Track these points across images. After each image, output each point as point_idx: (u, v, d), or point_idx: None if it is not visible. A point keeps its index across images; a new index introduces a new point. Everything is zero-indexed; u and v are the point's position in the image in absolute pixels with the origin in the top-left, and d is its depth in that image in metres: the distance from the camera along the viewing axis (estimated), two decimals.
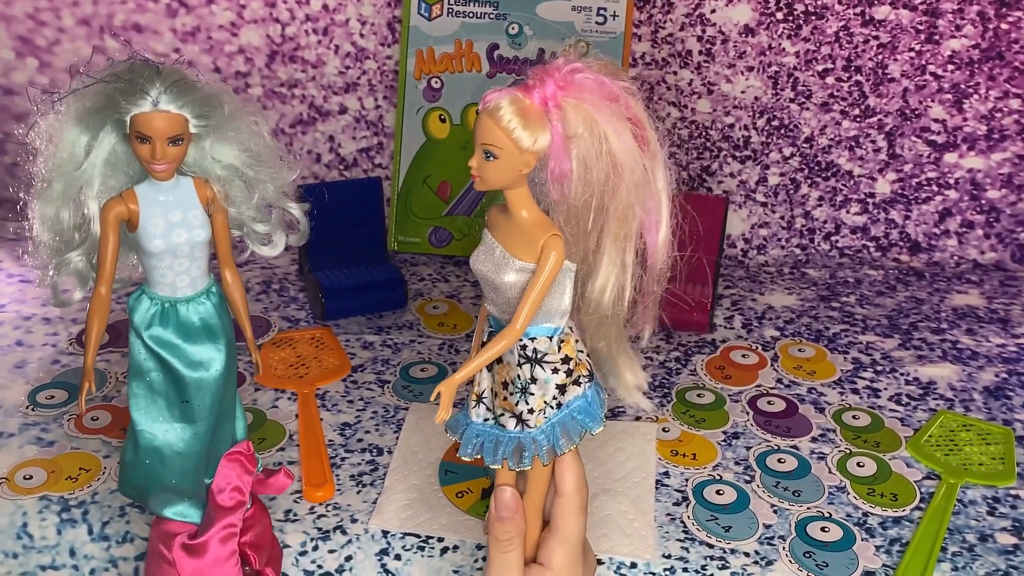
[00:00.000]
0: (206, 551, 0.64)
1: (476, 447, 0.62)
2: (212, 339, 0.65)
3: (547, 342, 0.60)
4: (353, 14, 1.14)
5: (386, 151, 1.18)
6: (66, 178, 0.62)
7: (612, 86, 0.56)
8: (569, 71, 0.56)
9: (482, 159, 0.56)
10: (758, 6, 1.09)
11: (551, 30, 1.10)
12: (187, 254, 0.64)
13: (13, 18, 1.16)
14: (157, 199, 0.63)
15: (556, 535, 0.62)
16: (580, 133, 0.56)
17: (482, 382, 0.62)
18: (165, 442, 0.65)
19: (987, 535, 0.74)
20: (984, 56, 1.08)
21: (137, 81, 0.60)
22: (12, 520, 0.75)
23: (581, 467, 0.63)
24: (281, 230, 0.70)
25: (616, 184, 0.57)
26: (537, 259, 0.58)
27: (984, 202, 1.13)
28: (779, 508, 0.76)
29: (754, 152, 1.14)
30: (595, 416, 0.61)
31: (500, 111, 0.55)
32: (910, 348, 0.97)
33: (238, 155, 0.65)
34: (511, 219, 0.59)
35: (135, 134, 0.60)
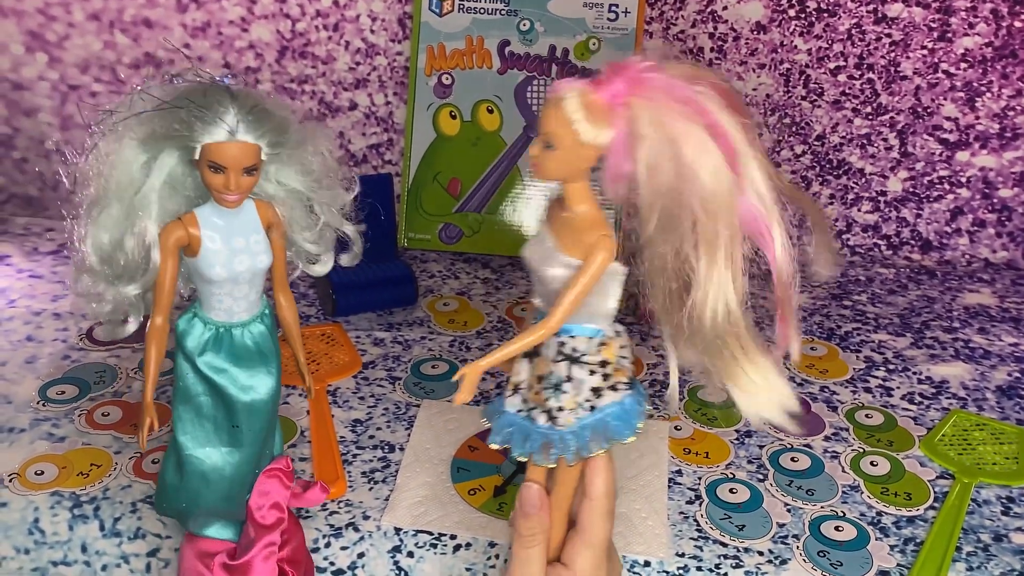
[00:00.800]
0: (250, 571, 0.63)
1: (506, 436, 0.61)
2: (264, 363, 0.63)
3: (587, 342, 0.59)
4: (364, 10, 1.14)
5: (396, 147, 1.18)
6: (124, 202, 0.60)
7: (685, 89, 0.54)
8: (641, 69, 0.54)
9: (542, 148, 0.55)
10: (770, 3, 1.09)
11: (562, 26, 1.09)
12: (247, 280, 0.62)
13: (24, 13, 1.16)
14: (218, 224, 0.60)
15: (582, 537, 0.62)
16: (646, 133, 0.54)
17: (520, 372, 0.61)
18: (212, 466, 0.63)
19: (1002, 535, 0.74)
20: (997, 54, 1.08)
21: (213, 107, 0.57)
22: (24, 516, 0.74)
23: (612, 472, 0.62)
24: (331, 250, 0.68)
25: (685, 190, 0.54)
26: (584, 257, 0.56)
27: (996, 201, 1.12)
28: (793, 507, 0.76)
29: (765, 149, 1.13)
30: (630, 425, 0.60)
31: (565, 102, 0.54)
32: (922, 347, 0.97)
33: (302, 179, 0.63)
34: (567, 213, 0.57)
35: (207, 163, 0.58)
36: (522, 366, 0.61)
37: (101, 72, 1.17)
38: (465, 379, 0.57)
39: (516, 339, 0.58)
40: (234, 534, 0.66)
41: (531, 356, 0.61)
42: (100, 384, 0.88)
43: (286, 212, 0.63)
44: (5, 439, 0.81)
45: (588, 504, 0.61)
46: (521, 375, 0.61)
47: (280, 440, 0.69)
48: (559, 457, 0.59)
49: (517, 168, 1.11)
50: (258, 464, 0.65)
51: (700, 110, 0.54)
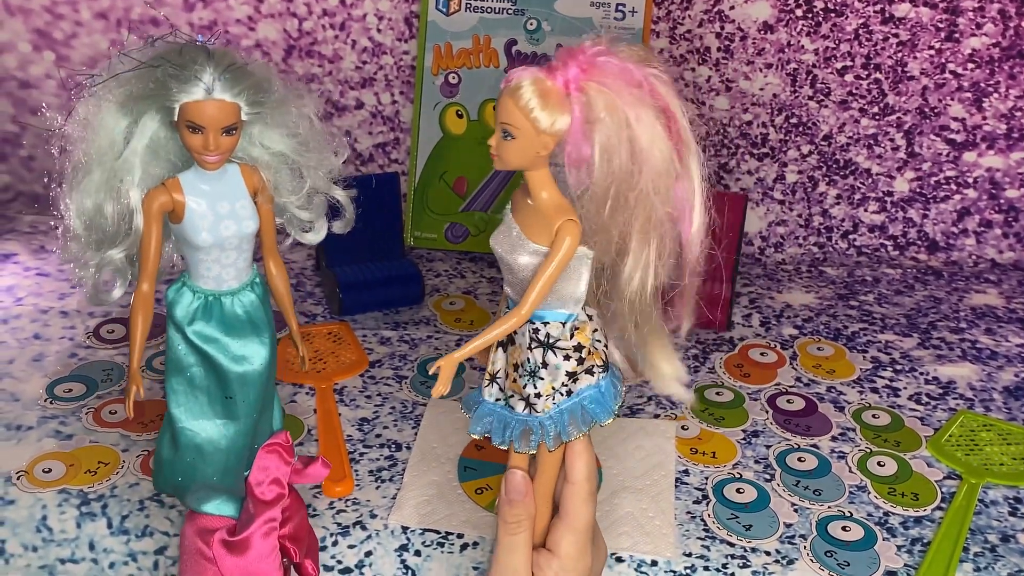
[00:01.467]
0: (249, 547, 0.63)
1: (486, 426, 0.62)
2: (256, 332, 0.63)
3: (560, 328, 0.59)
4: (370, 9, 1.14)
5: (403, 146, 1.18)
6: (105, 167, 0.59)
7: (637, 72, 0.55)
8: (593, 54, 0.55)
9: (500, 138, 0.56)
10: (777, 3, 1.09)
11: (569, 26, 1.09)
12: (235, 246, 0.61)
13: (31, 11, 1.16)
14: (203, 189, 0.59)
15: (564, 522, 0.62)
16: (602, 118, 0.54)
17: (496, 362, 0.61)
18: (207, 439, 0.63)
19: (1009, 535, 0.74)
20: (1005, 54, 1.08)
21: (189, 66, 0.56)
22: (32, 513, 0.75)
23: (592, 455, 0.62)
24: (324, 217, 0.67)
25: (637, 172, 0.56)
26: (551, 243, 0.57)
27: (1003, 201, 1.12)
28: (800, 507, 0.76)
29: (772, 149, 1.13)
30: (607, 408, 0.61)
31: (520, 90, 0.54)
32: (929, 347, 0.96)
33: (286, 141, 0.62)
34: (530, 201, 0.58)
35: (185, 123, 0.57)
36: (497, 355, 0.61)
37: None
38: (441, 371, 0.58)
39: (489, 328, 0.58)
40: (235, 510, 0.65)
41: (506, 345, 0.61)
42: (107, 382, 0.88)
43: (271, 176, 0.63)
44: (13, 437, 0.81)
45: (570, 488, 0.62)
46: (497, 364, 0.62)
47: (280, 415, 0.68)
48: (540, 443, 0.60)
49: None
50: (255, 437, 0.65)
51: (653, 92, 0.55)
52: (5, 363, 0.90)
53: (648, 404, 0.87)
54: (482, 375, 0.63)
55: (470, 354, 0.58)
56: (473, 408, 0.63)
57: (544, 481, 0.63)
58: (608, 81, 0.55)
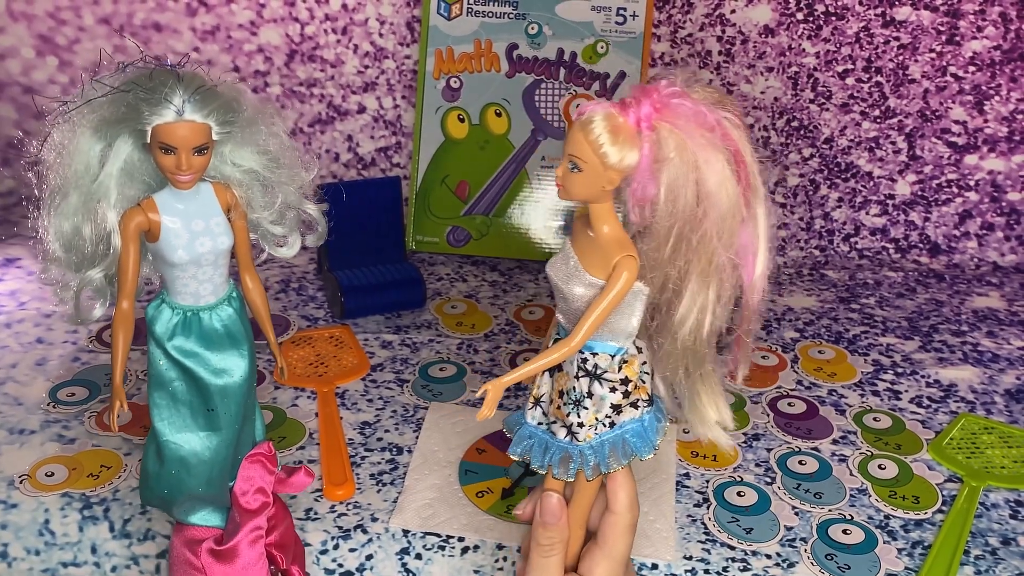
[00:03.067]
0: (236, 556, 0.64)
1: (526, 448, 0.62)
2: (236, 345, 0.64)
3: (608, 359, 0.60)
4: (372, 13, 1.14)
5: (404, 150, 1.18)
6: (82, 190, 0.60)
7: (710, 116, 0.55)
8: (668, 94, 0.55)
9: (567, 169, 0.56)
10: (778, 6, 1.09)
11: (570, 30, 1.09)
12: (211, 263, 0.62)
13: (34, 17, 1.16)
14: (177, 208, 0.61)
15: (602, 550, 0.62)
16: (671, 158, 0.55)
17: (542, 386, 0.62)
18: (191, 451, 0.64)
19: (1010, 538, 0.74)
20: (1006, 57, 1.08)
21: (159, 90, 0.58)
22: (34, 517, 0.75)
23: (634, 486, 0.63)
24: (297, 231, 0.68)
25: (702, 215, 0.56)
26: (608, 276, 0.57)
27: (1005, 204, 1.12)
28: (800, 510, 0.76)
29: (773, 153, 1.14)
30: (648, 442, 0.61)
31: (591, 124, 0.55)
32: (931, 350, 0.96)
33: (257, 158, 0.64)
34: (591, 233, 0.58)
35: (158, 144, 0.58)
36: (544, 380, 0.62)
37: None
38: (488, 395, 0.58)
39: (539, 356, 0.59)
40: (221, 521, 0.66)
41: (553, 371, 0.62)
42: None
43: (244, 193, 0.64)
44: (16, 441, 0.81)
45: (611, 518, 0.62)
46: (543, 389, 0.62)
47: (262, 426, 0.69)
48: (578, 471, 0.60)
49: (525, 171, 1.11)
50: (238, 448, 0.66)
51: (724, 137, 0.55)
52: (8, 367, 0.90)
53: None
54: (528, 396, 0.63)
55: (519, 380, 0.58)
56: (514, 429, 0.63)
57: (580, 507, 0.63)
58: (680, 122, 0.55)
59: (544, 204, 1.11)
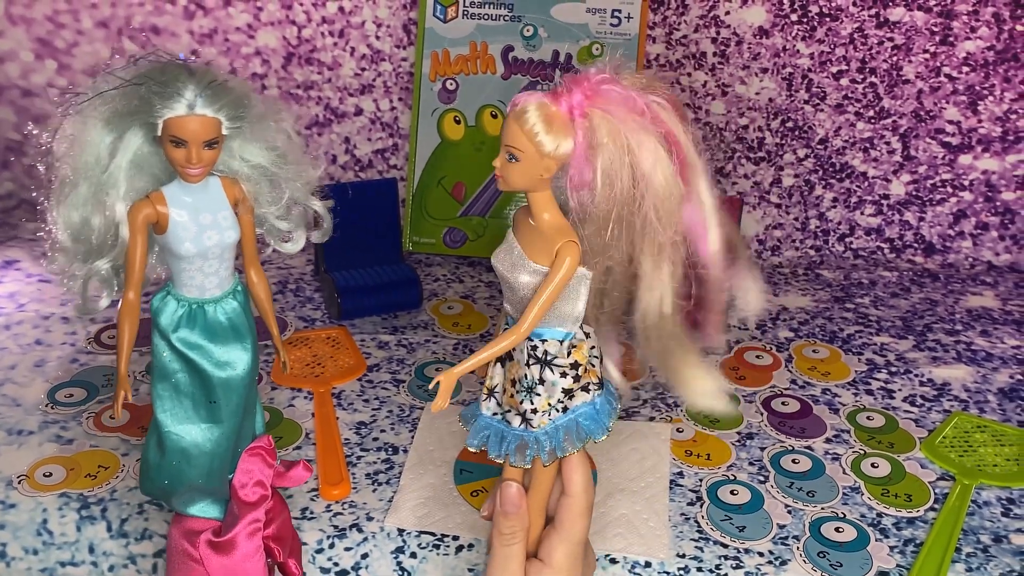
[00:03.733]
0: (234, 547, 0.64)
1: (483, 439, 0.63)
2: (239, 339, 0.64)
3: (557, 345, 0.60)
4: (369, 16, 1.15)
5: (401, 152, 1.19)
6: (91, 181, 0.61)
7: (640, 100, 0.56)
8: (598, 81, 0.57)
9: (505, 160, 0.57)
10: (772, 8, 1.09)
11: (566, 32, 1.10)
12: (217, 256, 0.63)
13: (33, 20, 1.17)
14: (185, 201, 0.62)
15: (560, 534, 0.63)
16: (604, 143, 0.56)
17: (494, 376, 0.63)
18: (192, 443, 0.64)
19: (1002, 536, 0.74)
20: (999, 58, 1.08)
21: (172, 83, 0.58)
22: (32, 517, 0.75)
23: (588, 469, 0.63)
24: (302, 227, 0.69)
25: (639, 197, 0.57)
26: (551, 263, 0.58)
27: (999, 204, 1.13)
28: (793, 508, 0.76)
29: (768, 153, 1.14)
30: (601, 425, 0.62)
31: (525, 115, 0.56)
32: (924, 349, 0.97)
33: (266, 154, 0.64)
34: (532, 222, 0.59)
35: (169, 138, 0.59)
36: (496, 370, 0.63)
37: None
38: (440, 386, 0.59)
39: (488, 345, 0.59)
40: (220, 512, 0.67)
41: (504, 360, 0.62)
42: (108, 387, 0.89)
43: (251, 188, 0.65)
44: (14, 441, 0.82)
45: (567, 501, 0.63)
46: (495, 379, 0.63)
47: (261, 420, 0.70)
48: (534, 457, 0.61)
49: None
50: (238, 441, 0.66)
51: (655, 120, 0.57)
52: (7, 368, 0.91)
53: (643, 407, 0.87)
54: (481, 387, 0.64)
55: (469, 370, 0.59)
56: (471, 421, 0.64)
57: (538, 494, 0.64)
58: (611, 108, 0.56)
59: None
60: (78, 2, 1.16)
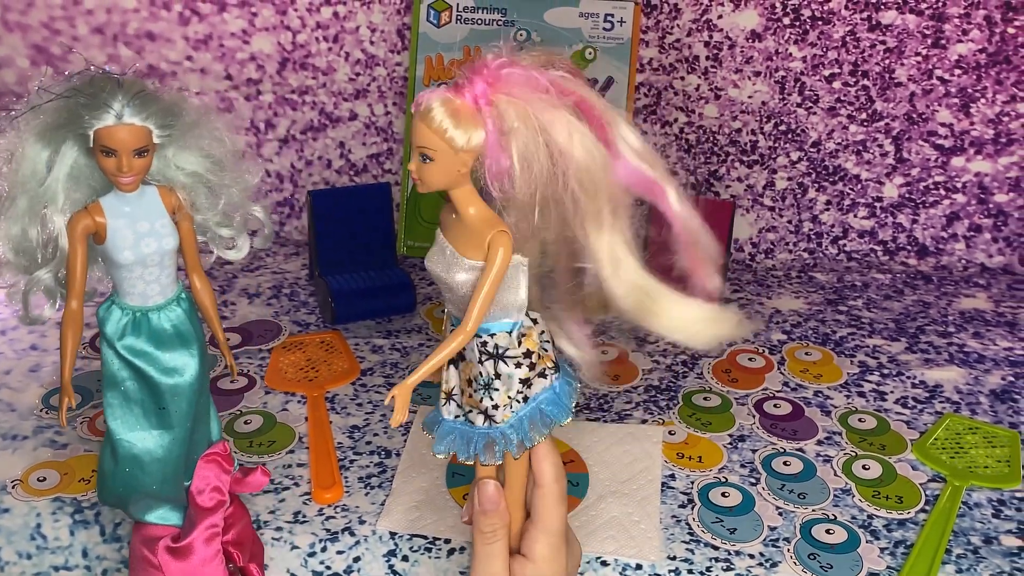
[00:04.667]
0: (192, 552, 0.65)
1: (449, 444, 0.62)
2: (185, 345, 0.66)
3: (507, 337, 0.60)
4: (363, 21, 1.15)
5: (396, 157, 1.19)
6: (30, 195, 0.63)
7: (542, 78, 0.56)
8: (497, 67, 0.56)
9: (420, 162, 0.56)
10: (765, 12, 1.10)
11: (559, 36, 1.10)
12: (157, 263, 0.64)
13: (28, 27, 1.18)
14: (123, 210, 0.63)
15: (537, 526, 0.63)
16: (515, 127, 0.55)
17: (450, 380, 0.62)
18: (144, 449, 0.66)
19: (992, 537, 0.75)
20: (991, 60, 1.09)
21: (99, 95, 0.60)
22: (26, 521, 0.76)
23: (558, 457, 0.63)
24: (245, 233, 0.70)
25: (561, 175, 0.56)
26: (485, 257, 0.57)
27: (992, 206, 1.13)
28: (784, 510, 0.77)
29: (761, 156, 1.14)
30: (563, 407, 0.62)
31: (431, 113, 0.55)
32: (917, 351, 0.97)
33: (201, 162, 0.65)
34: (458, 218, 0.59)
35: (99, 148, 0.60)
36: (451, 373, 0.62)
37: None
38: (397, 399, 0.58)
39: (437, 350, 0.59)
40: (179, 519, 0.67)
41: (457, 362, 0.62)
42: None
43: (188, 196, 0.66)
44: (8, 446, 0.82)
45: (539, 492, 0.63)
46: (451, 382, 0.62)
47: (218, 426, 0.71)
48: (504, 453, 0.61)
49: None
50: (192, 447, 0.67)
51: (562, 92, 0.56)
52: (2, 374, 0.91)
53: (636, 410, 0.88)
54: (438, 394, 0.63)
55: (422, 379, 0.58)
56: (435, 428, 0.64)
57: (514, 488, 0.64)
58: (515, 91, 0.55)
59: None
60: (74, 8, 1.17)
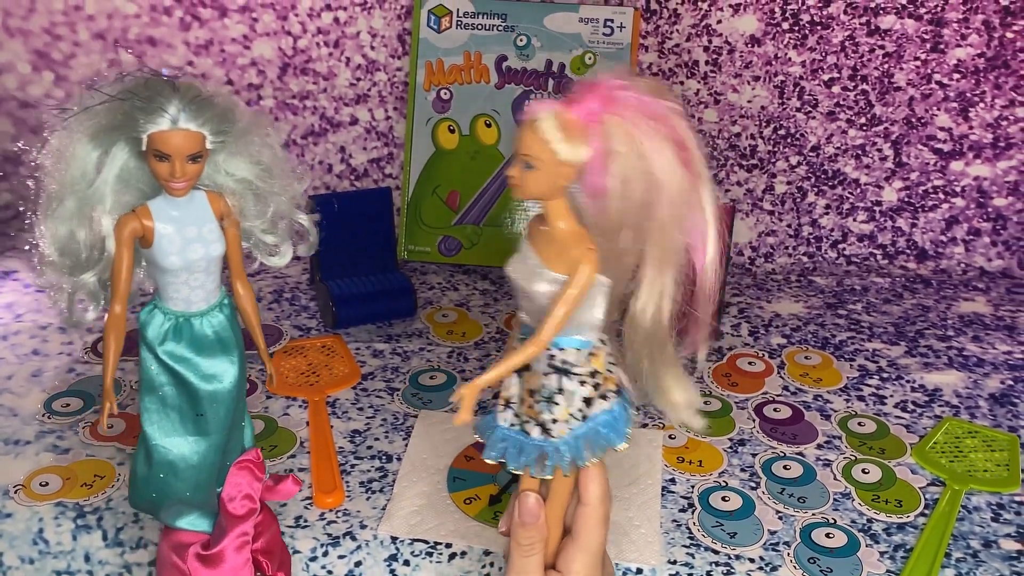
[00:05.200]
0: (222, 561, 0.65)
1: (500, 451, 0.62)
2: (226, 352, 0.65)
3: (576, 354, 0.60)
4: (364, 27, 1.16)
5: (396, 161, 1.20)
6: (78, 196, 0.62)
7: (655, 105, 0.56)
8: (613, 87, 0.56)
9: (522, 169, 0.57)
10: (764, 16, 1.10)
11: (559, 41, 1.11)
12: (203, 269, 0.63)
13: (30, 32, 1.18)
14: (171, 214, 0.62)
15: (577, 544, 0.63)
16: (619, 150, 0.56)
17: (511, 387, 0.62)
18: (179, 455, 0.65)
19: (991, 541, 0.75)
20: (990, 65, 1.09)
21: (155, 99, 0.59)
22: (28, 526, 0.76)
23: (606, 478, 0.63)
24: (289, 241, 0.69)
25: (654, 203, 0.57)
26: (569, 271, 0.58)
27: (991, 210, 1.13)
28: (784, 514, 0.77)
29: (761, 161, 1.15)
30: (620, 432, 0.62)
31: (541, 123, 0.56)
32: (916, 355, 0.97)
33: (251, 168, 0.65)
34: (547, 230, 0.59)
35: (153, 152, 0.60)
36: (512, 381, 0.62)
37: None
38: (464, 399, 0.58)
39: (509, 357, 0.59)
40: (209, 526, 0.67)
41: (521, 371, 0.62)
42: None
43: (236, 202, 0.65)
44: (11, 451, 0.82)
45: (584, 510, 0.63)
46: (511, 389, 0.63)
47: (251, 433, 0.70)
48: (555, 468, 0.61)
49: None
50: (226, 454, 0.67)
51: (669, 126, 0.56)
52: (4, 378, 0.91)
53: (636, 414, 0.88)
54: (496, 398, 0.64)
55: (492, 382, 0.59)
56: (488, 433, 0.64)
57: (556, 504, 0.63)
58: (627, 113, 0.56)
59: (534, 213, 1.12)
60: (75, 14, 1.17)
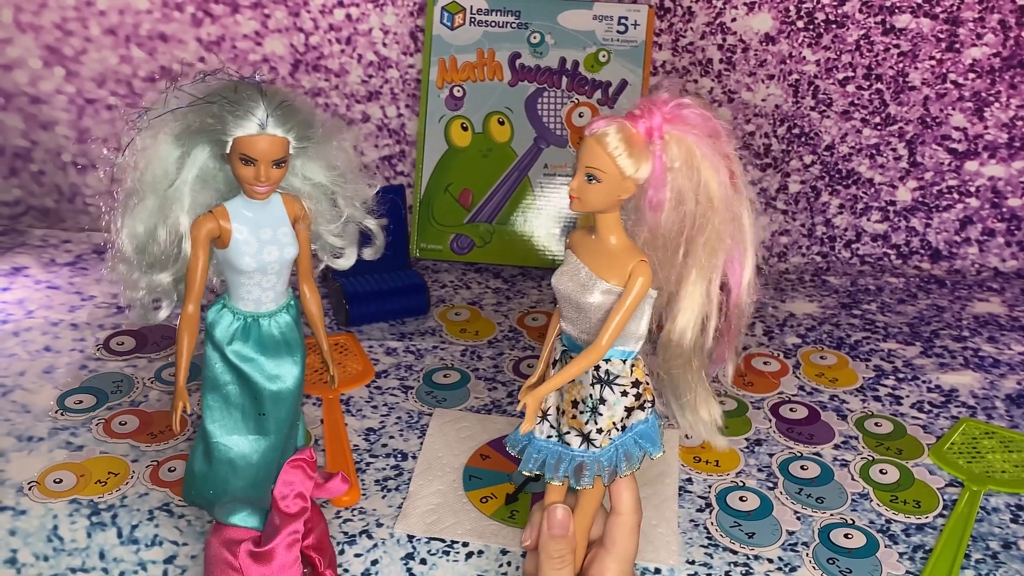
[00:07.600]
0: (273, 558, 0.65)
1: (537, 463, 0.63)
2: (290, 352, 0.66)
3: (621, 365, 0.61)
4: (376, 23, 1.15)
5: (408, 159, 1.19)
6: (159, 195, 0.63)
7: (716, 122, 0.58)
8: (677, 104, 0.58)
9: (583, 182, 0.58)
10: (779, 15, 1.10)
11: (572, 39, 1.10)
12: (276, 271, 0.64)
13: (41, 28, 1.17)
14: (247, 216, 0.63)
15: (611, 553, 0.63)
16: (677, 165, 0.57)
17: (548, 399, 0.63)
18: (239, 454, 0.66)
19: (1011, 542, 0.74)
20: (1005, 64, 1.09)
21: (243, 103, 0.60)
22: (43, 523, 0.76)
23: (637, 487, 0.64)
24: (355, 244, 0.70)
25: (707, 218, 0.58)
26: (624, 282, 0.59)
27: (1005, 210, 1.13)
28: (802, 515, 0.76)
29: (775, 160, 1.14)
30: (655, 441, 0.63)
31: (607, 137, 0.57)
32: (932, 356, 0.97)
33: (326, 173, 0.66)
34: (599, 242, 0.60)
35: (238, 155, 0.60)
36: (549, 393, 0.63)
37: (117, 86, 1.18)
38: (528, 407, 0.60)
39: (570, 366, 0.60)
40: (259, 522, 0.67)
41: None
42: (117, 393, 0.89)
43: (312, 205, 0.66)
44: (24, 448, 0.82)
45: (617, 519, 0.63)
46: (548, 401, 0.63)
47: (303, 432, 0.71)
48: (595, 478, 0.61)
49: (527, 179, 1.12)
50: (283, 453, 0.67)
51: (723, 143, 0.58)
52: (17, 375, 0.91)
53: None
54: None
55: (552, 389, 0.61)
56: (521, 446, 0.64)
57: (585, 515, 0.64)
58: (689, 130, 0.58)
59: (546, 211, 1.12)
60: (86, 9, 1.16)
